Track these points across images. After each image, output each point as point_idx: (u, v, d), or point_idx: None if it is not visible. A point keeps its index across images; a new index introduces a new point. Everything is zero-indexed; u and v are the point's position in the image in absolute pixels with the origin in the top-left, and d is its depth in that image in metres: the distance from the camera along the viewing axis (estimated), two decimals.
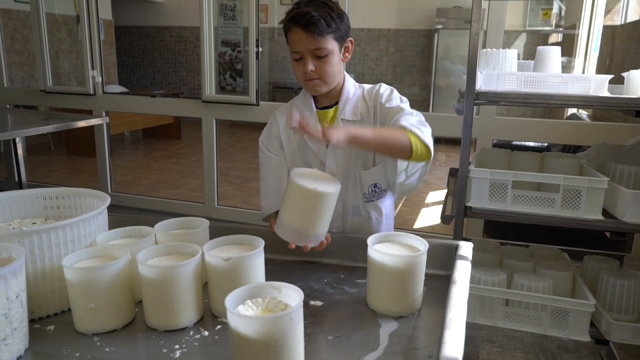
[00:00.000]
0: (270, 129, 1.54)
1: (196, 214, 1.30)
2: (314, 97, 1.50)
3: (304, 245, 1.19)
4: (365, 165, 1.47)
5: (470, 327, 1.78)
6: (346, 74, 1.51)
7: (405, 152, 1.28)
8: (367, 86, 1.53)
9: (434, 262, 1.20)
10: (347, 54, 1.44)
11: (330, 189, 1.15)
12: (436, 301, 1.10)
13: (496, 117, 3.04)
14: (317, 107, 1.50)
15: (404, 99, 1.49)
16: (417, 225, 4.01)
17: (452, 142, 7.26)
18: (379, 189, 1.50)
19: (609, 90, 1.83)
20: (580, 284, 1.91)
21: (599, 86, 1.78)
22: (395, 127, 1.33)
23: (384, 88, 1.49)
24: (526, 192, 1.81)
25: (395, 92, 1.49)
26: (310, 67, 1.36)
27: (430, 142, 1.33)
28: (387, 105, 1.43)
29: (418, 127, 1.32)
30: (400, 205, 4.45)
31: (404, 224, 3.97)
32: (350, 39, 1.44)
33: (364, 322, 1.02)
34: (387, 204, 1.55)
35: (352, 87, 1.50)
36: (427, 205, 4.57)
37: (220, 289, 0.99)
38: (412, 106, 1.49)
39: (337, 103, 1.48)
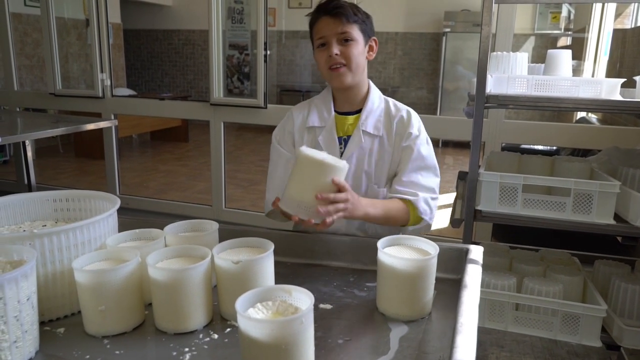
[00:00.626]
0: (285, 125, 1.52)
1: (204, 216, 1.30)
2: (334, 100, 1.49)
3: (307, 220, 1.16)
4: (378, 183, 1.46)
5: (480, 331, 1.76)
6: (372, 83, 1.50)
7: (399, 225, 1.43)
8: (392, 100, 1.51)
9: (444, 265, 1.19)
10: (371, 53, 1.45)
11: (338, 163, 1.15)
12: (446, 305, 1.09)
13: (505, 120, 3.03)
14: (337, 111, 1.48)
15: (429, 140, 1.48)
16: None
17: (460, 145, 7.24)
18: None
19: (620, 94, 1.82)
20: (591, 289, 1.89)
21: (611, 90, 1.76)
22: (409, 196, 1.38)
23: (416, 118, 1.47)
24: (537, 195, 1.80)
25: (424, 129, 1.48)
26: (335, 50, 1.36)
27: (432, 219, 1.44)
28: (416, 142, 1.43)
29: (429, 205, 1.41)
30: None
31: None
32: (374, 38, 1.46)
33: (374, 325, 1.01)
34: None
35: (377, 98, 1.48)
36: None
37: (229, 291, 0.98)
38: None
39: (359, 111, 1.46)
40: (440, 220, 4.21)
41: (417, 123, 1.46)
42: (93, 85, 4.12)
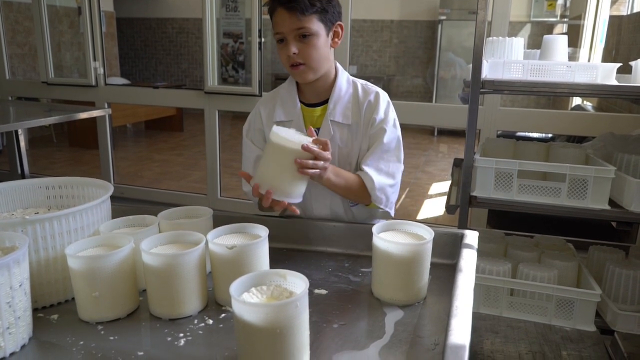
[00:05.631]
0: (254, 122, 1.47)
1: (199, 205, 1.28)
2: (300, 91, 1.43)
3: (281, 202, 1.16)
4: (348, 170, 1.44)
5: (474, 317, 1.77)
6: (339, 66, 1.43)
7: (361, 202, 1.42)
8: (361, 82, 1.44)
9: (439, 251, 1.19)
10: (336, 40, 1.37)
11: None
12: (441, 290, 1.09)
13: (500, 108, 3.02)
14: (303, 102, 1.43)
15: (397, 121, 1.43)
16: (420, 217, 4.00)
17: (455, 133, 7.25)
18: None
19: (616, 79, 1.81)
20: (585, 274, 1.90)
21: (607, 75, 1.76)
22: (366, 180, 1.35)
23: (384, 101, 1.41)
24: (532, 181, 1.80)
25: (391, 109, 1.42)
26: (293, 49, 1.29)
27: (389, 207, 1.41)
28: (382, 126, 1.38)
29: (385, 193, 1.37)
30: (404, 196, 4.44)
31: (407, 215, 3.96)
32: (340, 23, 1.36)
33: (369, 310, 1.02)
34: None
35: (344, 84, 1.41)
36: (430, 196, 4.56)
37: (224, 277, 0.98)
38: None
39: (326, 101, 1.40)
40: (436, 207, 4.23)
41: (384, 105, 1.40)
42: (86, 73, 4.08)
